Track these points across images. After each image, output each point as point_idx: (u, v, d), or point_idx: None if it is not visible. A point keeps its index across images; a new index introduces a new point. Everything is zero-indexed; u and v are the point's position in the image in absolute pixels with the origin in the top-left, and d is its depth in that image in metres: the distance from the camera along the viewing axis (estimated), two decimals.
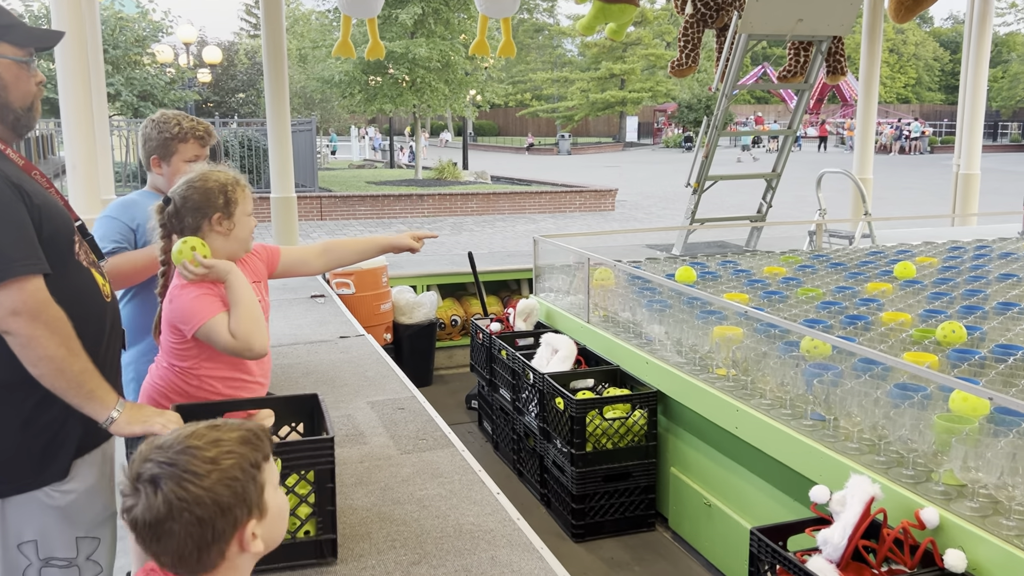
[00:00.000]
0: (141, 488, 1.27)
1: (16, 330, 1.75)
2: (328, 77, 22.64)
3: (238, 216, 2.47)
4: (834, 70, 7.23)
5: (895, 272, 4.78)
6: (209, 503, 1.26)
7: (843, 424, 2.90)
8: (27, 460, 1.88)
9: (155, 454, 1.29)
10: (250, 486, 1.31)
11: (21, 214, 1.80)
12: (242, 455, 1.32)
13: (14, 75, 1.90)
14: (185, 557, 1.27)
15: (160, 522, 1.25)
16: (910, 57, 60.69)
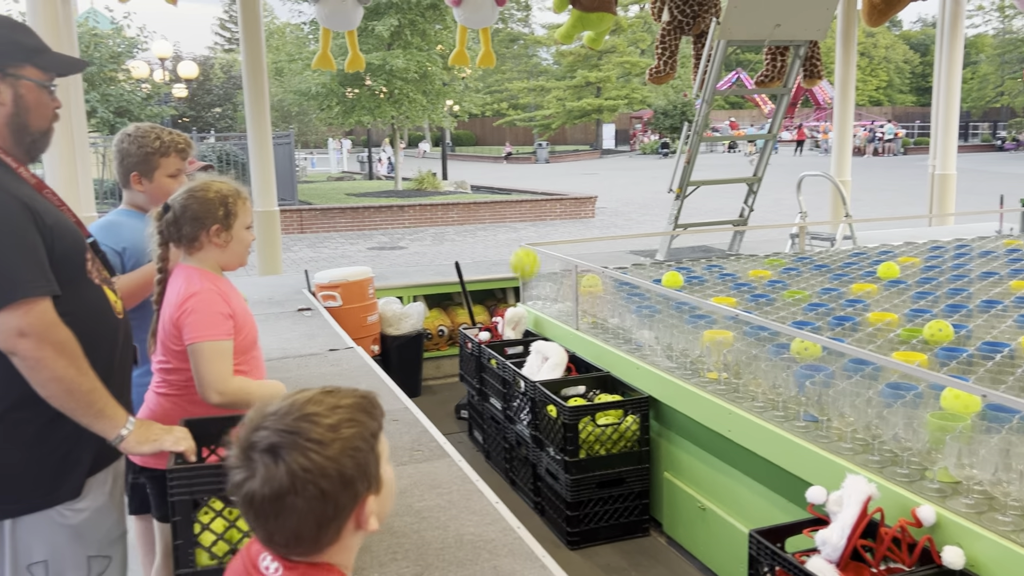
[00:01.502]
0: (257, 459, 1.16)
1: (23, 352, 1.75)
2: (305, 90, 22.60)
3: (236, 229, 2.46)
4: (811, 74, 7.32)
5: (879, 273, 4.84)
6: (334, 475, 1.16)
7: (836, 424, 2.93)
8: (40, 479, 1.87)
9: (270, 421, 1.19)
10: (370, 457, 1.22)
11: (32, 236, 1.79)
12: (363, 423, 1.23)
13: (36, 98, 1.93)
14: (303, 536, 1.18)
15: (281, 496, 1.15)
16: (881, 60, 61.43)
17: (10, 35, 1.90)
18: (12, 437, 1.84)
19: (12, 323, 1.73)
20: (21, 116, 1.91)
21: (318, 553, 1.23)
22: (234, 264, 2.53)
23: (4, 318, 1.73)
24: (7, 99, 1.89)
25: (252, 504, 1.17)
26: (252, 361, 2.55)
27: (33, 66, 1.92)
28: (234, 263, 2.53)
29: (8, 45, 1.89)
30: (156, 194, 2.94)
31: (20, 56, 1.90)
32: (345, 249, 15.16)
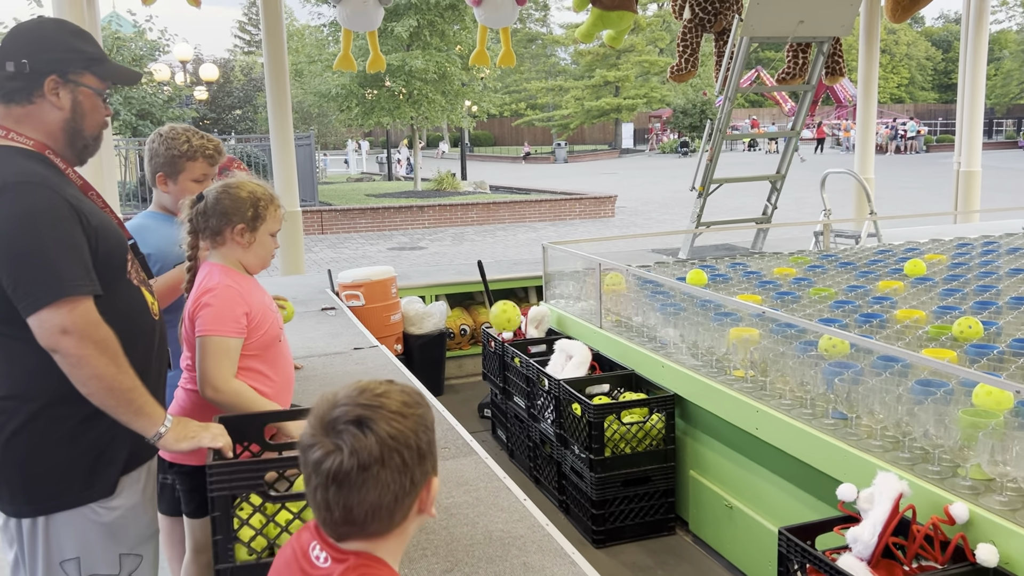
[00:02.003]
0: (344, 431, 1.20)
1: (65, 349, 1.77)
2: (325, 91, 22.72)
3: (261, 233, 2.48)
4: (833, 71, 7.27)
5: (905, 270, 4.80)
6: (413, 446, 1.22)
7: (865, 422, 2.91)
8: (74, 476, 1.89)
9: (347, 400, 1.23)
10: (433, 440, 1.28)
11: (77, 236, 1.83)
12: (426, 408, 1.29)
13: (92, 105, 1.98)
14: (380, 509, 1.22)
15: (369, 466, 1.19)
16: (902, 57, 60.91)
17: (73, 42, 1.95)
18: (47, 434, 1.86)
19: (56, 321, 1.75)
20: (77, 121, 1.96)
21: (385, 536, 1.25)
22: (255, 267, 2.55)
23: (48, 315, 1.76)
24: (65, 104, 1.93)
25: (337, 478, 1.20)
26: (273, 357, 2.56)
27: (92, 74, 1.97)
28: (255, 266, 2.55)
29: (71, 52, 1.93)
30: (180, 197, 2.96)
31: (81, 63, 1.94)
32: (365, 249, 15.22)
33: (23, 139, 1.90)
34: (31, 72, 1.89)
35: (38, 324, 1.76)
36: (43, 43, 1.91)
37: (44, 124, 1.93)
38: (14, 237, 1.75)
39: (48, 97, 1.91)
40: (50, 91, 1.91)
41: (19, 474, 1.85)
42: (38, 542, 1.89)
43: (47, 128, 1.93)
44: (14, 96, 1.90)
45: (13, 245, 1.75)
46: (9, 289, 1.77)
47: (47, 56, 1.90)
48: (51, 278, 1.76)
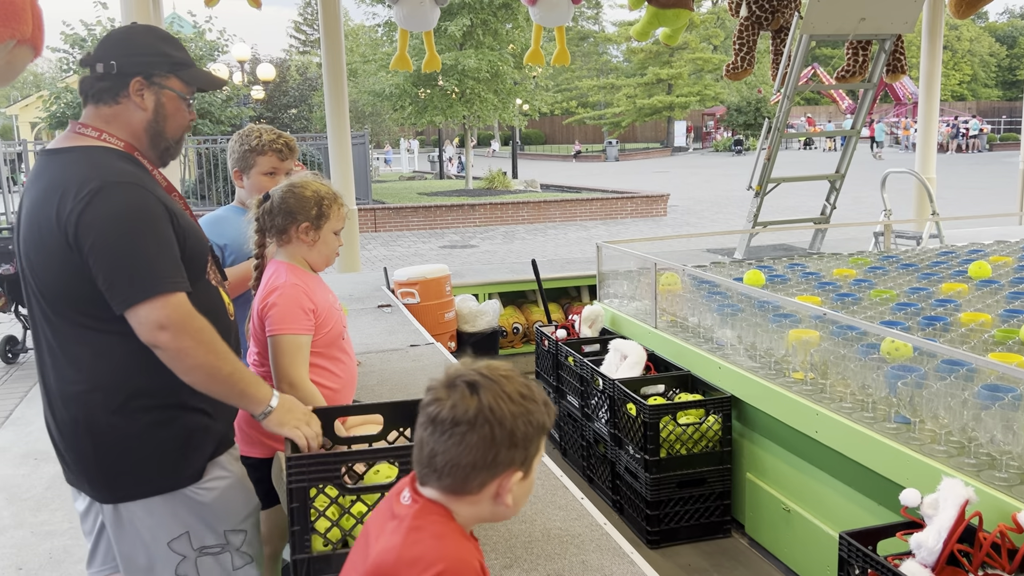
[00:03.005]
0: (458, 386, 1.34)
1: (164, 343, 1.83)
2: (380, 90, 22.95)
3: (325, 231, 2.54)
4: (895, 68, 7.13)
5: (969, 272, 4.69)
6: (508, 428, 1.32)
7: (929, 427, 2.86)
8: (163, 463, 1.95)
9: (475, 368, 1.37)
10: (534, 440, 1.37)
11: (169, 235, 1.90)
12: (542, 410, 1.38)
13: (175, 108, 2.04)
14: (457, 468, 1.33)
15: (461, 423, 1.31)
16: (964, 53, 59.31)
17: (161, 46, 2.02)
18: (135, 423, 1.92)
19: (153, 316, 1.82)
20: (159, 123, 2.02)
21: (457, 495, 1.36)
22: (320, 265, 2.61)
23: (145, 312, 1.82)
24: (149, 105, 2.00)
25: (435, 423, 1.34)
26: (338, 352, 2.63)
27: (177, 78, 2.03)
28: (319, 263, 2.61)
29: (157, 55, 2.00)
30: (252, 191, 3.06)
31: (166, 67, 2.01)
32: (418, 247, 15.35)
33: (114, 140, 1.96)
34: (118, 73, 1.95)
35: (136, 320, 1.82)
36: (131, 46, 1.99)
37: (129, 125, 1.99)
38: (111, 235, 1.81)
39: (133, 98, 1.98)
40: (135, 92, 1.97)
41: (111, 462, 1.92)
42: (141, 527, 1.95)
43: (132, 129, 2.00)
44: (102, 96, 1.97)
45: (110, 243, 1.81)
46: (105, 286, 1.83)
47: (134, 58, 1.97)
48: (147, 275, 1.82)
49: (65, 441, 1.96)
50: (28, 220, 1.89)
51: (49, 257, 1.85)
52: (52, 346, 1.93)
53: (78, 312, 1.88)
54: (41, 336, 1.96)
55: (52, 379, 1.95)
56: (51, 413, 1.98)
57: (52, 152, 1.95)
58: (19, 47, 2.12)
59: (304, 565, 2.02)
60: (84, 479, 1.97)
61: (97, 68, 1.96)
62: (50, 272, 1.87)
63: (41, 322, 1.94)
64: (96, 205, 1.81)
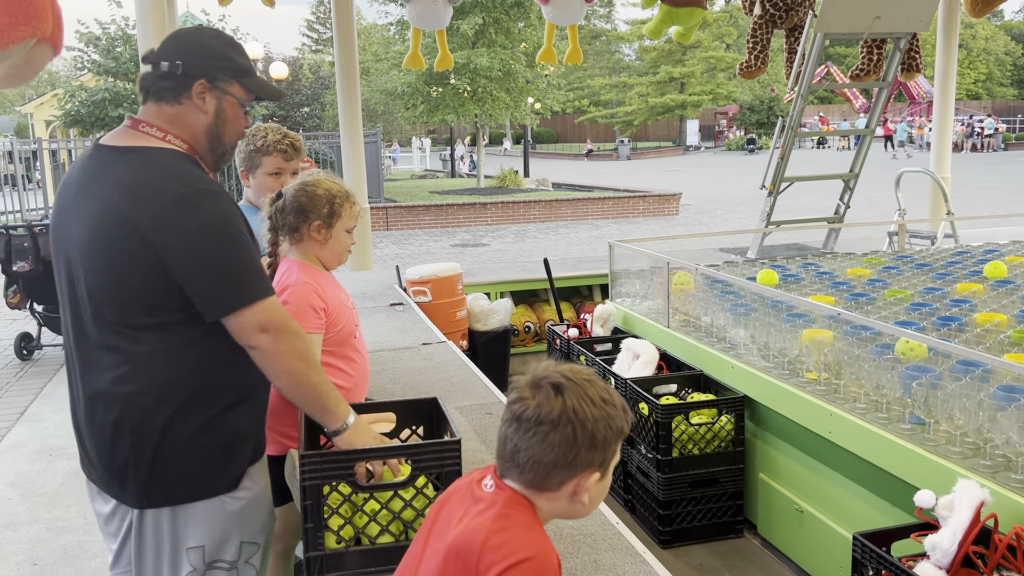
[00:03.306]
0: (542, 389, 1.39)
1: (263, 346, 1.86)
2: (391, 89, 22.97)
3: (337, 229, 2.55)
4: (909, 67, 7.09)
5: (985, 272, 4.66)
6: (589, 431, 1.38)
7: (944, 427, 2.84)
8: (206, 467, 1.93)
9: (560, 370, 1.42)
10: (612, 444, 1.42)
11: (249, 241, 1.92)
12: (621, 416, 1.44)
13: (235, 114, 2.04)
14: (539, 465, 1.38)
15: (545, 422, 1.37)
16: (980, 52, 58.89)
17: (227, 51, 2.01)
18: (184, 428, 1.89)
19: (255, 319, 1.84)
20: (219, 127, 2.01)
21: (537, 490, 1.42)
22: (332, 263, 2.62)
23: (248, 315, 1.84)
24: (210, 109, 1.99)
25: (519, 420, 1.40)
26: (350, 351, 2.63)
27: (240, 84, 2.02)
28: (332, 262, 2.62)
29: (222, 60, 1.99)
30: (258, 191, 3.08)
31: (230, 73, 2.00)
32: (429, 246, 15.36)
33: (178, 141, 1.95)
34: (182, 74, 1.94)
35: (237, 324, 1.84)
36: (198, 48, 1.97)
37: (190, 127, 1.98)
38: (204, 245, 1.82)
39: (195, 100, 1.96)
40: (197, 94, 1.96)
41: (152, 466, 1.89)
42: (164, 532, 1.92)
43: (192, 131, 1.98)
44: (163, 95, 1.95)
45: (204, 252, 1.82)
46: (200, 293, 1.83)
47: (200, 61, 1.96)
48: (244, 282, 1.85)
49: (102, 443, 1.92)
50: (90, 219, 1.85)
51: (116, 258, 1.82)
52: (101, 347, 1.88)
53: (143, 314, 1.85)
54: (85, 336, 1.91)
55: (95, 380, 1.90)
56: (87, 414, 1.93)
57: (115, 149, 1.91)
58: (39, 45, 2.12)
59: (317, 562, 2.03)
60: (116, 482, 1.93)
61: (161, 66, 1.94)
62: (114, 273, 1.83)
63: (89, 322, 1.89)
64: (185, 213, 1.80)
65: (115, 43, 20.69)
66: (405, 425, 2.34)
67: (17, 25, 2.01)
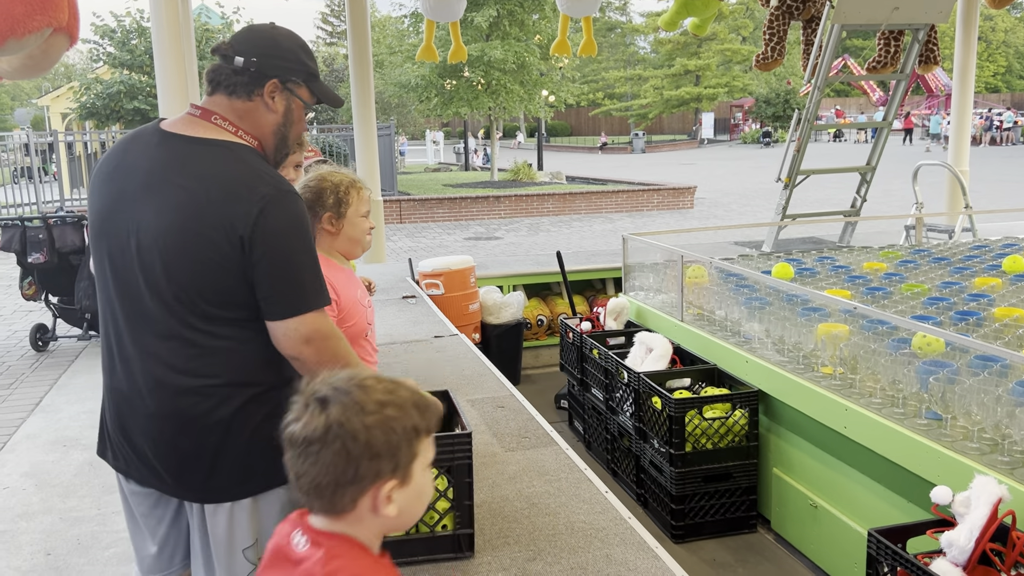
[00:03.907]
0: (310, 403, 1.30)
1: (307, 357, 1.84)
2: (405, 81, 22.95)
3: (349, 216, 2.54)
4: (928, 59, 7.02)
5: (1003, 266, 4.61)
6: (362, 441, 1.26)
7: (961, 423, 2.81)
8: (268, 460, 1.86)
9: (332, 381, 1.32)
10: (403, 447, 1.30)
11: (314, 247, 1.91)
12: (408, 415, 1.31)
13: (300, 116, 2.04)
14: (321, 488, 1.28)
15: (312, 442, 1.27)
16: (999, 45, 58.32)
17: (300, 54, 2.01)
18: (250, 419, 1.88)
19: (302, 330, 1.82)
20: (287, 127, 2.01)
21: (334, 516, 1.30)
22: (352, 251, 2.61)
23: (296, 324, 1.82)
24: (280, 108, 1.98)
25: (291, 442, 1.29)
26: (360, 351, 2.62)
27: (308, 88, 2.02)
28: (352, 250, 2.60)
29: (296, 63, 1.99)
30: None
31: (301, 75, 2.00)
32: (443, 239, 15.36)
33: (249, 137, 1.95)
34: (256, 71, 1.93)
35: (283, 331, 1.83)
36: (274, 48, 1.97)
37: (259, 125, 1.97)
38: (286, 247, 1.82)
39: (266, 99, 1.95)
40: (268, 93, 1.95)
41: (214, 461, 1.88)
42: (220, 528, 1.90)
43: (261, 129, 1.97)
44: (236, 90, 1.94)
45: (283, 255, 1.81)
46: (265, 293, 1.82)
47: (275, 61, 1.95)
48: (306, 290, 1.84)
49: (163, 435, 1.88)
50: (171, 208, 1.81)
51: (199, 250, 1.80)
52: (167, 337, 1.85)
53: (218, 307, 1.83)
54: (148, 326, 1.87)
55: (158, 371, 1.87)
56: (145, 406, 1.89)
57: (192, 140, 1.89)
58: (55, 35, 2.11)
59: None
60: (172, 477, 1.90)
61: (236, 61, 1.93)
62: (195, 265, 1.81)
63: (154, 311, 1.85)
64: (274, 214, 1.80)
65: (130, 36, 20.79)
66: None
67: (33, 15, 2.00)
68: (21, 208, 16.05)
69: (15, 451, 4.52)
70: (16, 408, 5.56)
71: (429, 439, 1.36)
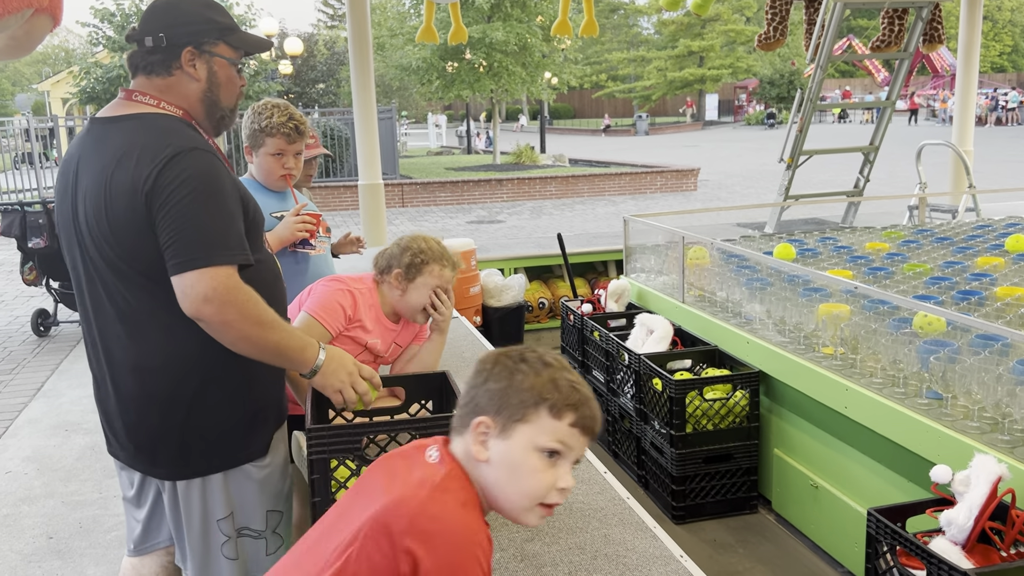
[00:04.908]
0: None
1: (208, 316, 1.77)
2: (407, 64, 22.85)
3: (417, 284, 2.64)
4: (932, 38, 6.95)
5: (1006, 246, 4.58)
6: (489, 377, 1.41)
7: (962, 402, 2.79)
8: (234, 437, 1.93)
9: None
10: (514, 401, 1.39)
11: (235, 206, 1.86)
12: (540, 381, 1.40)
13: (227, 75, 2.00)
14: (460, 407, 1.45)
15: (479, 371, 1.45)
16: (1005, 24, 57.83)
17: (205, 12, 1.97)
18: (211, 398, 1.89)
19: (199, 288, 1.76)
20: (213, 92, 1.98)
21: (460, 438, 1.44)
22: (412, 316, 2.70)
23: (192, 281, 1.76)
24: (202, 75, 1.96)
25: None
26: None
27: (225, 43, 1.98)
28: (409, 315, 2.70)
29: (204, 23, 1.95)
30: (259, 169, 3.08)
31: (214, 34, 1.96)
32: (445, 223, 15.33)
33: (173, 108, 1.93)
34: (168, 45, 1.91)
35: (180, 289, 1.77)
36: (178, 15, 1.93)
37: (185, 96, 1.96)
38: (181, 199, 1.77)
39: (185, 69, 1.94)
40: (187, 63, 1.93)
41: (182, 438, 1.89)
42: (193, 503, 1.93)
43: (188, 100, 1.96)
44: (154, 68, 1.93)
45: (178, 207, 1.76)
46: (164, 247, 1.78)
47: (182, 28, 1.92)
48: (204, 243, 1.77)
49: (130, 416, 1.91)
50: (94, 189, 1.82)
51: (125, 225, 1.80)
52: (126, 319, 1.86)
53: (159, 284, 1.82)
54: (103, 311, 1.89)
55: (118, 354, 1.89)
56: (114, 388, 1.92)
57: (110, 120, 1.90)
58: (37, 16, 2.09)
59: None
60: (146, 456, 1.93)
61: (146, 42, 1.91)
62: (127, 241, 1.81)
63: (113, 295, 1.86)
64: (171, 169, 1.78)
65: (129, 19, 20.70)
66: (415, 399, 2.33)
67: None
68: (22, 194, 16.06)
69: (17, 436, 4.54)
70: (18, 393, 5.58)
71: (554, 422, 1.37)
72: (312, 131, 3.33)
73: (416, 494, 1.33)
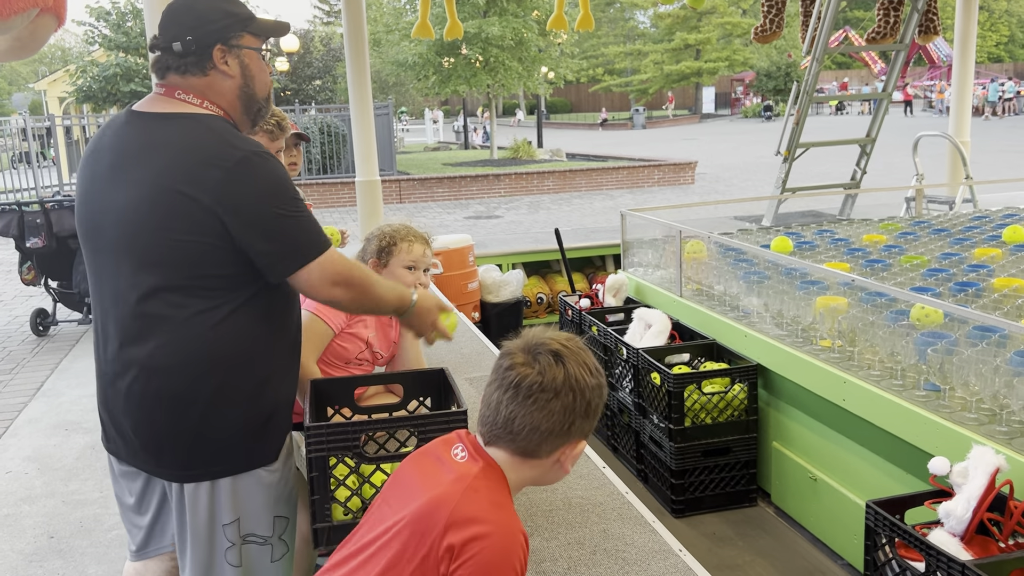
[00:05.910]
0: (541, 357, 1.39)
1: (341, 296, 1.90)
2: (403, 60, 22.80)
3: (392, 266, 2.68)
4: (927, 29, 6.96)
5: (1004, 237, 4.59)
6: (587, 399, 1.39)
7: (960, 394, 2.80)
8: (250, 439, 1.90)
9: (555, 337, 1.43)
10: (598, 413, 1.44)
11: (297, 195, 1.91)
12: (605, 388, 1.45)
13: (257, 66, 1.98)
14: (535, 433, 1.39)
15: (547, 390, 1.37)
16: (1002, 14, 57.77)
17: (223, 6, 1.94)
18: (225, 400, 1.85)
19: (325, 278, 1.86)
20: (249, 85, 1.96)
21: (525, 458, 1.42)
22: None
23: (317, 272, 1.84)
24: (235, 71, 1.94)
25: (518, 388, 1.39)
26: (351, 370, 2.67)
27: (249, 34, 1.96)
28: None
29: (226, 17, 1.92)
30: None
31: (238, 26, 1.94)
32: (443, 218, 15.32)
33: (215, 108, 1.92)
34: (198, 47, 1.89)
35: (307, 284, 1.85)
36: (199, 15, 1.91)
37: (222, 94, 1.94)
38: (269, 207, 1.79)
39: (219, 67, 1.92)
40: (219, 61, 1.91)
41: (194, 439, 1.85)
42: (200, 506, 1.89)
43: (225, 98, 1.94)
44: (189, 69, 1.91)
45: (269, 215, 1.79)
46: (265, 255, 1.81)
47: (208, 27, 1.90)
48: (308, 240, 1.85)
49: (142, 414, 1.86)
50: (138, 185, 1.79)
51: (168, 224, 1.77)
52: (146, 315, 1.82)
53: (189, 282, 1.80)
54: (123, 306, 1.85)
55: (134, 351, 1.84)
56: (126, 385, 1.86)
57: (157, 117, 1.87)
58: (42, 16, 2.09)
59: (325, 533, 2.03)
60: (151, 456, 1.89)
61: (174, 47, 1.89)
62: (164, 240, 1.78)
63: (128, 291, 1.83)
64: (244, 177, 1.77)
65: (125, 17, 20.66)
66: (413, 396, 2.33)
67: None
68: (20, 193, 16.03)
69: (17, 435, 4.54)
70: (18, 393, 5.57)
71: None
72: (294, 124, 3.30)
73: (451, 492, 1.37)
